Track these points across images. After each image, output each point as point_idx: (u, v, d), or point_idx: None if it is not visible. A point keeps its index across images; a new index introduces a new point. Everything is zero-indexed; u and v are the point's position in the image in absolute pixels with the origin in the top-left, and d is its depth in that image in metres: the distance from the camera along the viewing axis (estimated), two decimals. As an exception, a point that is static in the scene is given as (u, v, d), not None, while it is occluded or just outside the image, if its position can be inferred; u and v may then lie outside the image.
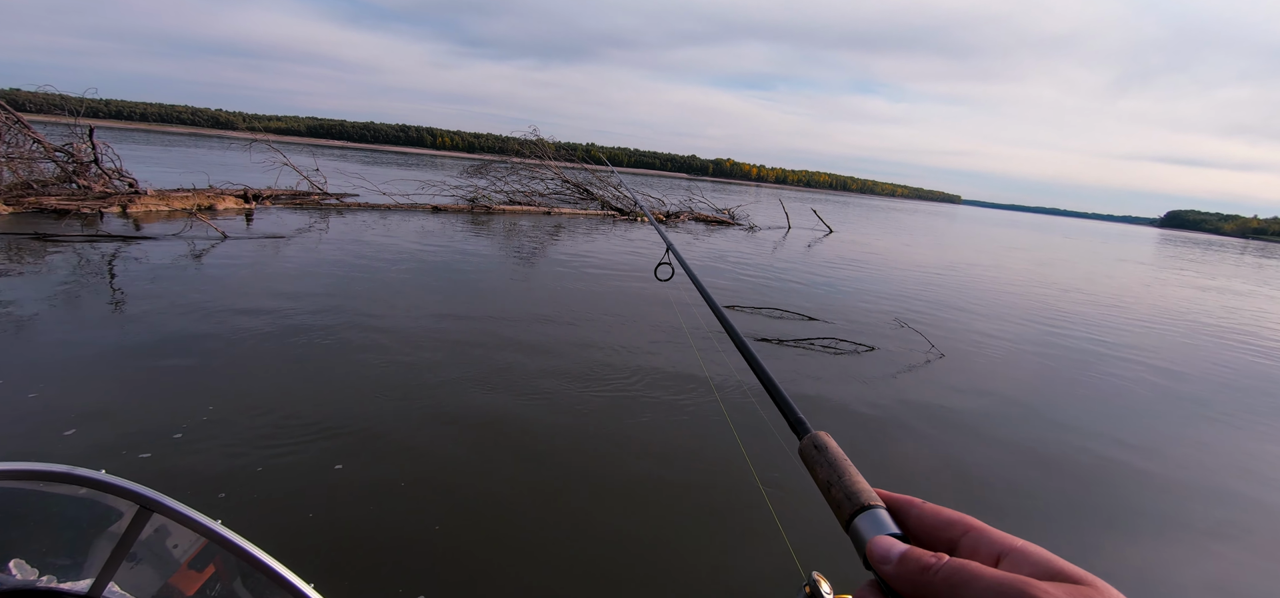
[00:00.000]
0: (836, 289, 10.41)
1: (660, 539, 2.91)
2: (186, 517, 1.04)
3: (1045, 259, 22.38)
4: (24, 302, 5.58)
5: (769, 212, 28.85)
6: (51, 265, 7.07)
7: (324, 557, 2.57)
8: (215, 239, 9.53)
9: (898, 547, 0.37)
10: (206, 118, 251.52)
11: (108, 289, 6.30)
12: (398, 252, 9.97)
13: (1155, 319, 10.94)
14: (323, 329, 5.50)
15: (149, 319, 5.38)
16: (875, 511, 0.40)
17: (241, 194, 14.11)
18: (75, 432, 3.34)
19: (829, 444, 0.45)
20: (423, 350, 5.18)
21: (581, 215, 19.47)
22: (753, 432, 3.95)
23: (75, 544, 1.08)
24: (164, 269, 7.32)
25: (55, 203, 11.03)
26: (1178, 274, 22.27)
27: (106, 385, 4.00)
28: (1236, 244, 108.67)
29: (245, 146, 18.59)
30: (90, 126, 12.23)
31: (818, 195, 69.85)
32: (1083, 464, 4.25)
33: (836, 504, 0.41)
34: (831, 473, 0.43)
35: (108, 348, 4.65)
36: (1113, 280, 17.35)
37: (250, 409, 3.78)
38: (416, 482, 3.17)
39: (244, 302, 6.19)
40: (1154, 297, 14.46)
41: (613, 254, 12.04)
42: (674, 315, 6.93)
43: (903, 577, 0.35)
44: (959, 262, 17.69)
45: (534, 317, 6.67)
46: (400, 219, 14.57)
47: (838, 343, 6.63)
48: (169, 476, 3.02)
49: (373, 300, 6.68)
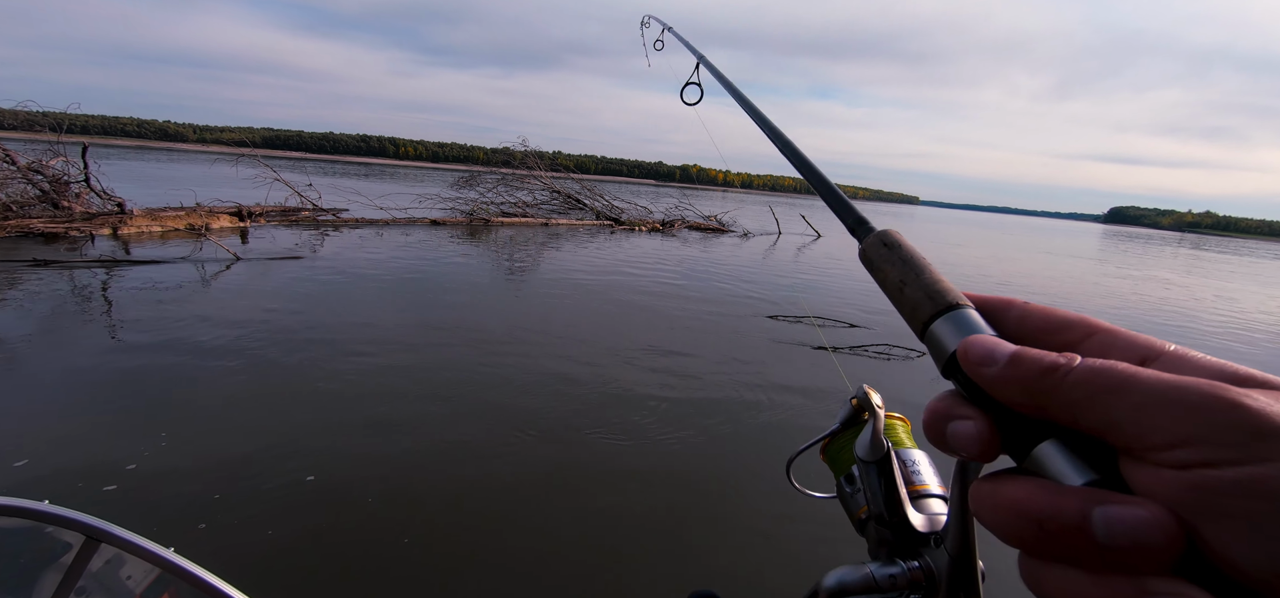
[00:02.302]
0: (861, 293, 10.66)
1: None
2: (137, 546, 1.01)
3: (1003, 256, 23.39)
4: (51, 337, 5.26)
5: (751, 217, 29.29)
6: (65, 292, 6.67)
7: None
8: (226, 260, 9.15)
9: (1005, 346, 0.27)
10: (154, 130, 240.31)
11: (145, 321, 5.99)
12: (419, 269, 9.76)
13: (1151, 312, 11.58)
14: (421, 354, 5.36)
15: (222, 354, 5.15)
16: (963, 310, 0.30)
17: (235, 212, 13.58)
18: (136, 466, 3.19)
19: (900, 241, 0.36)
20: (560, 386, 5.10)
21: (579, 226, 19.40)
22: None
23: (17, 580, 1.03)
24: (192, 292, 7.00)
25: (43, 226, 10.41)
26: (1150, 269, 23.58)
27: (148, 413, 3.82)
28: (1174, 237, 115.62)
29: (230, 161, 17.86)
30: (83, 145, 11.59)
31: (782, 199, 70.98)
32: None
33: (912, 306, 0.33)
34: (906, 271, 0.34)
35: (159, 379, 4.43)
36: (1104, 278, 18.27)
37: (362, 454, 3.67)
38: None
39: (319, 331, 5.98)
40: (1138, 291, 15.29)
41: (644, 261, 12.07)
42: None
43: (1015, 380, 0.26)
44: (958, 262, 18.35)
45: (649, 347, 6.63)
46: (400, 233, 14.25)
47: (891, 348, 6.80)
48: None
49: (465, 328, 6.53)
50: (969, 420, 0.27)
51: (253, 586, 1.04)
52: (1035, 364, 0.26)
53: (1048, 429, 0.26)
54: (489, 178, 21.52)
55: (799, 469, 0.55)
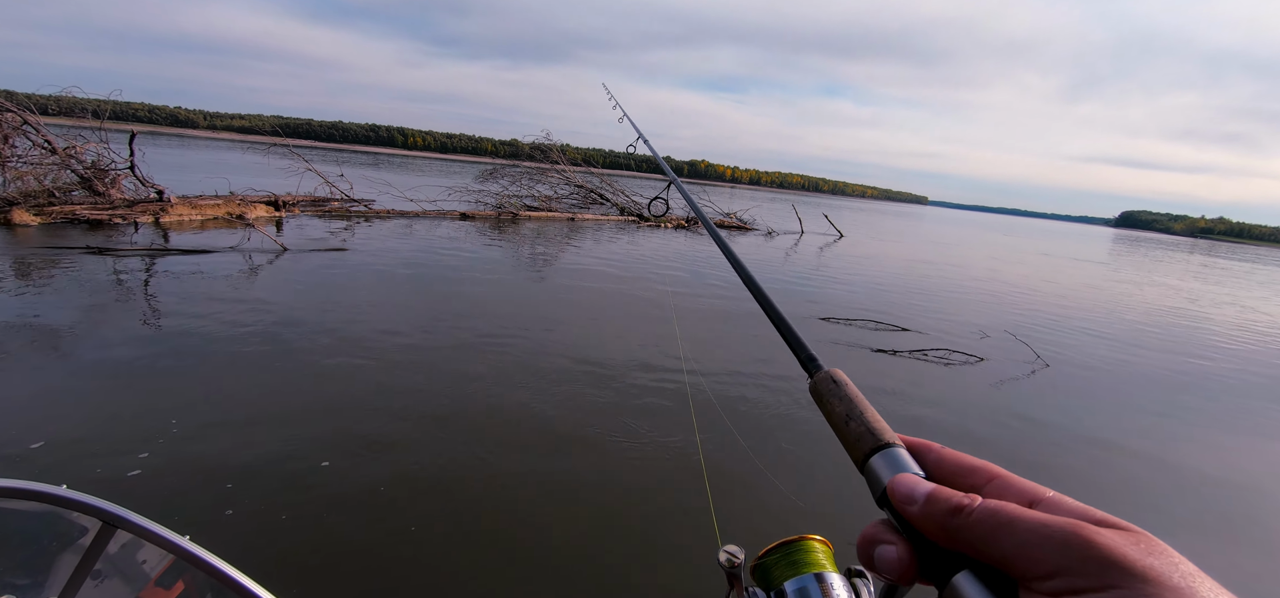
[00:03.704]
0: (907, 293, 10.64)
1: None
2: (152, 533, 1.03)
3: (1046, 276, 23.26)
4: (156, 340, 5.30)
5: (769, 215, 29.20)
6: (134, 281, 6.72)
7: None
8: (274, 251, 9.19)
9: (924, 485, 0.33)
10: (165, 115, 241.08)
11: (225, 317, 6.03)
12: (462, 261, 9.79)
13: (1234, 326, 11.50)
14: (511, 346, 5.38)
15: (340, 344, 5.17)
16: (894, 449, 0.37)
17: (271, 201, 13.64)
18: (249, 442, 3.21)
19: (846, 381, 0.42)
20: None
21: (604, 221, 19.40)
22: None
23: (36, 562, 1.06)
24: (243, 281, 7.03)
25: (89, 213, 10.48)
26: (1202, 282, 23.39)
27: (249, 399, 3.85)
28: (1186, 243, 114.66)
29: (262, 150, 17.92)
30: (131, 132, 11.65)
31: (791, 197, 70.95)
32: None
33: (853, 440, 0.39)
34: (849, 408, 0.40)
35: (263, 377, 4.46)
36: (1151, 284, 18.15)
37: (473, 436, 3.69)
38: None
39: (385, 328, 6.01)
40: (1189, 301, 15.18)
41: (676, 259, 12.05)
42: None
43: (930, 517, 0.32)
44: (971, 263, 18.26)
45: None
46: (431, 226, 14.28)
47: (949, 354, 6.79)
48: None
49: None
50: (893, 547, 0.33)
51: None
52: (945, 504, 0.31)
53: (964, 561, 0.31)
54: (511, 171, 21.54)
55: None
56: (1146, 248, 54.71)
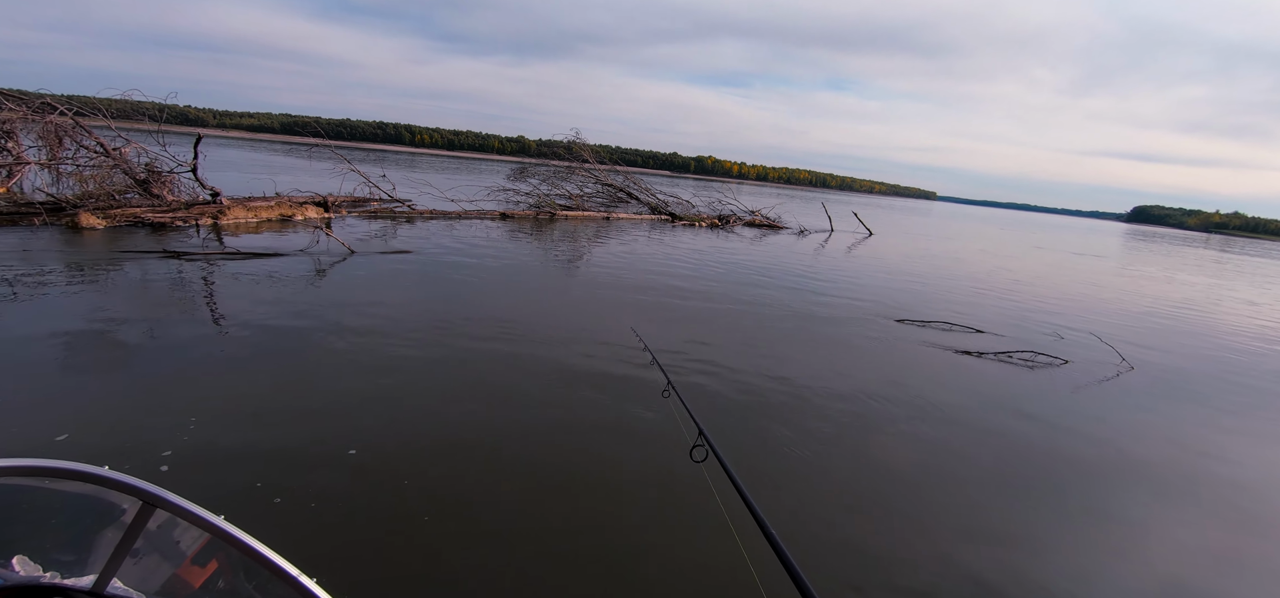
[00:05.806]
0: (967, 293, 10.63)
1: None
2: (189, 512, 1.06)
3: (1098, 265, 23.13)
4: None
5: (795, 212, 29.15)
6: (224, 284, 6.82)
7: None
8: (341, 253, 9.29)
9: None
10: (174, 114, 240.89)
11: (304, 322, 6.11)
12: (534, 260, 9.87)
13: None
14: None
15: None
16: None
17: (320, 202, 13.76)
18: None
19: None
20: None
21: (638, 220, 19.44)
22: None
23: (78, 540, 1.10)
24: (310, 283, 7.12)
25: (152, 216, 10.62)
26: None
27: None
28: (1200, 238, 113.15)
29: (304, 152, 18.04)
30: (198, 135, 11.81)
31: (799, 191, 70.87)
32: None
33: None
34: None
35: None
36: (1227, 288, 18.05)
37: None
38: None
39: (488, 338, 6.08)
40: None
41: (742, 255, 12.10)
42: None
43: None
44: (1011, 262, 18.20)
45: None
46: (473, 225, 14.37)
47: (1034, 355, 6.80)
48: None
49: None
50: None
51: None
52: None
53: None
54: (540, 169, 21.62)
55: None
56: (1167, 244, 54.18)
